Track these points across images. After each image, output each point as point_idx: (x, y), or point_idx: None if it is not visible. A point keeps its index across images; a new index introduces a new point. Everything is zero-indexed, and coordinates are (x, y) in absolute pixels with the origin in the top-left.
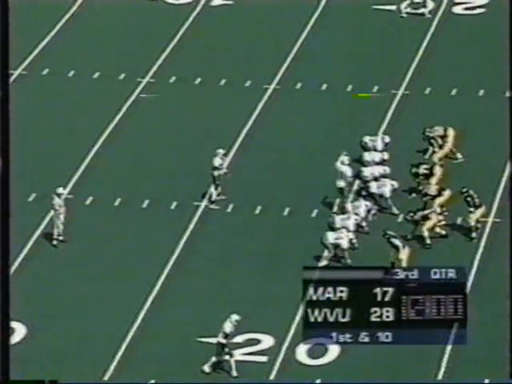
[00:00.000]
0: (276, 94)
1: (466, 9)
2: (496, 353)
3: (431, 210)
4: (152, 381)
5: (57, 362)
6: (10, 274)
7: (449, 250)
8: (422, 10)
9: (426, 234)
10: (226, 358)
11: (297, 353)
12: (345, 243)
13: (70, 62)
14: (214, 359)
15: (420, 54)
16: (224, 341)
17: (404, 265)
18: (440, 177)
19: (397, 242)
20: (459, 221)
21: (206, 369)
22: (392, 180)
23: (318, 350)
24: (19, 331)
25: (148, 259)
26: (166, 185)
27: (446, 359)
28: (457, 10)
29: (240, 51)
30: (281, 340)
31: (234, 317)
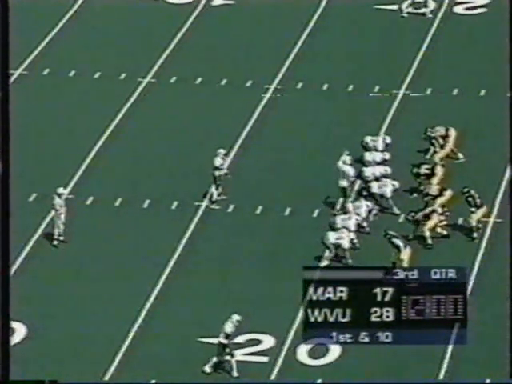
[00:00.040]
0: (277, 93)
1: (467, 9)
2: (497, 353)
3: (432, 209)
4: (153, 381)
5: (57, 362)
6: (10, 273)
7: (450, 250)
8: (424, 9)
9: (428, 234)
10: (227, 358)
11: (298, 353)
12: (346, 243)
13: (70, 62)
14: (214, 359)
15: (421, 53)
16: (225, 341)
17: (405, 265)
18: (441, 177)
19: (398, 242)
20: (460, 221)
21: (207, 369)
22: (393, 180)
23: (318, 350)
24: (19, 331)
25: (149, 259)
26: (167, 185)
27: (447, 359)
28: (458, 9)
29: (241, 51)
30: (282, 340)
31: (235, 317)
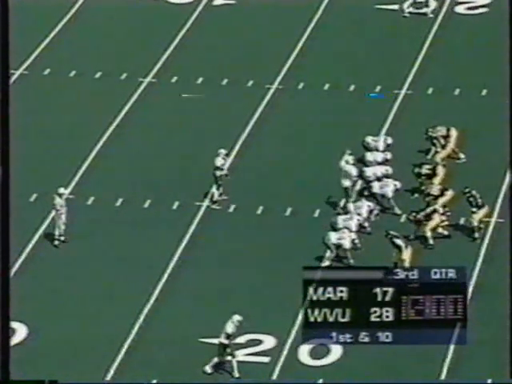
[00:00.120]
0: (278, 93)
1: (469, 8)
2: (500, 353)
3: (433, 209)
4: (154, 381)
5: (57, 362)
6: (11, 274)
7: (451, 251)
8: (425, 9)
9: (429, 234)
10: (228, 358)
11: (299, 353)
12: (347, 243)
13: (71, 62)
14: (215, 360)
15: (422, 53)
16: (226, 341)
17: (407, 265)
18: (442, 177)
19: (399, 242)
20: (462, 221)
21: (208, 369)
22: (394, 180)
23: (320, 351)
24: (20, 331)
25: (149, 259)
26: (168, 185)
27: (448, 359)
28: (459, 9)
29: (242, 51)
30: (283, 340)
31: (236, 317)
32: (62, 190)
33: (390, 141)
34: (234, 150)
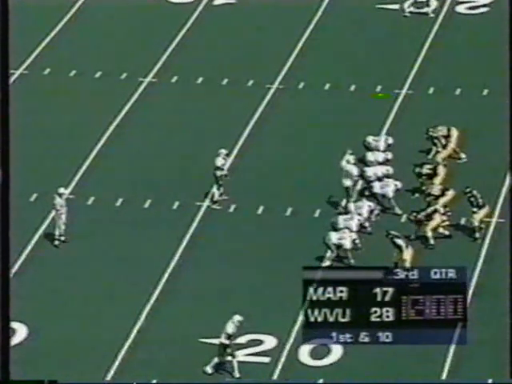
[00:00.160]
0: (279, 93)
1: (470, 8)
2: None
3: (434, 209)
4: (154, 381)
5: (57, 362)
6: (11, 274)
7: (452, 251)
8: (426, 9)
9: (430, 234)
10: (229, 358)
11: (299, 353)
12: (348, 243)
13: (71, 62)
14: (216, 360)
15: (423, 53)
16: (226, 341)
17: (407, 265)
18: (443, 177)
19: (400, 242)
20: (463, 221)
21: (209, 370)
22: (395, 180)
23: (320, 351)
24: (20, 332)
25: (150, 259)
26: (168, 185)
27: (449, 359)
28: (460, 9)
29: (242, 50)
30: (283, 341)
31: (237, 317)
32: (62, 190)
33: (390, 141)
34: (234, 150)
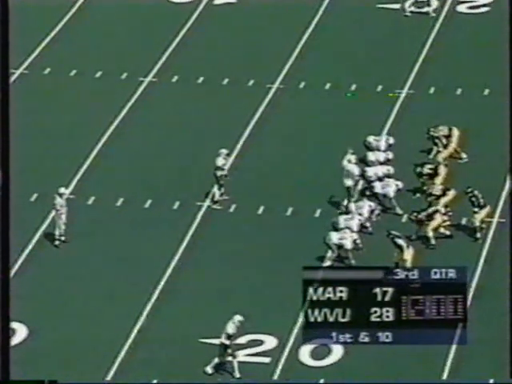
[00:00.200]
0: (279, 93)
1: (471, 8)
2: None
3: (435, 209)
4: (154, 381)
5: (58, 362)
6: (11, 274)
7: (453, 251)
8: (427, 8)
9: (431, 234)
10: (229, 359)
11: (300, 354)
12: (348, 244)
13: (71, 62)
14: (216, 360)
15: (424, 53)
16: (227, 342)
17: (408, 265)
18: (444, 177)
19: (401, 242)
20: (464, 221)
21: (209, 370)
22: (396, 180)
23: (321, 351)
24: (20, 332)
25: (150, 259)
26: (169, 185)
27: (450, 359)
28: (461, 8)
29: (243, 50)
30: (284, 341)
31: (237, 318)
32: (62, 190)
33: (391, 140)
34: (235, 150)
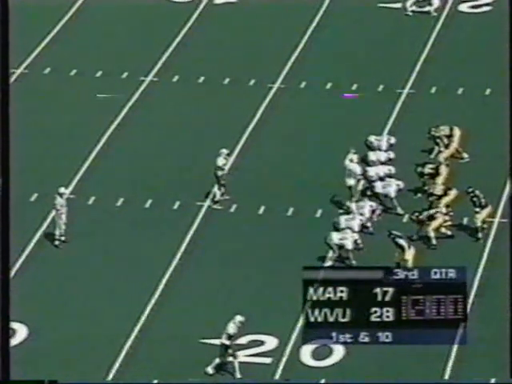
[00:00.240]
0: (280, 92)
1: (472, 7)
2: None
3: (436, 209)
4: (155, 381)
5: (58, 362)
6: (11, 274)
7: (454, 251)
8: (428, 7)
9: (432, 234)
10: (230, 359)
11: (301, 354)
12: (349, 244)
13: (71, 61)
14: (217, 361)
15: (425, 52)
16: (227, 342)
17: (409, 265)
18: (446, 176)
19: (402, 242)
20: (465, 221)
21: (210, 370)
22: (397, 180)
23: (322, 352)
24: (20, 332)
25: (150, 259)
26: (169, 185)
27: (449, 359)
28: (463, 7)
29: (244, 50)
30: (285, 341)
31: (238, 318)
32: (62, 190)
33: (393, 140)
34: (235, 150)
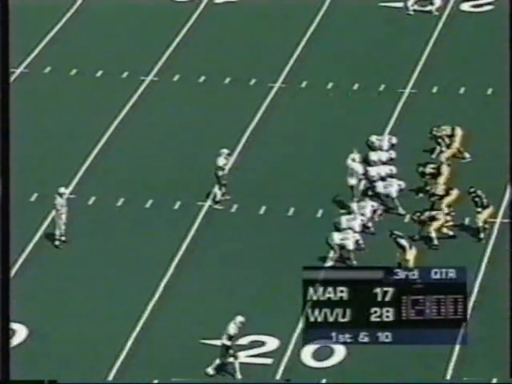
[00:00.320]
0: (281, 92)
1: (474, 6)
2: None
3: (438, 209)
4: (155, 381)
5: (58, 362)
6: (11, 274)
7: (456, 251)
8: (429, 7)
9: (434, 234)
10: (231, 360)
11: (302, 355)
12: (350, 244)
13: (71, 61)
14: (218, 361)
15: (427, 51)
16: (228, 343)
17: (411, 265)
18: (447, 176)
19: (403, 242)
20: (467, 221)
21: (210, 371)
22: (399, 180)
23: (323, 352)
24: (20, 332)
25: (151, 260)
26: (170, 184)
27: (450, 359)
28: (464, 7)
29: (244, 49)
30: (286, 342)
31: (239, 318)
32: (62, 190)
33: (394, 140)
34: (236, 150)
